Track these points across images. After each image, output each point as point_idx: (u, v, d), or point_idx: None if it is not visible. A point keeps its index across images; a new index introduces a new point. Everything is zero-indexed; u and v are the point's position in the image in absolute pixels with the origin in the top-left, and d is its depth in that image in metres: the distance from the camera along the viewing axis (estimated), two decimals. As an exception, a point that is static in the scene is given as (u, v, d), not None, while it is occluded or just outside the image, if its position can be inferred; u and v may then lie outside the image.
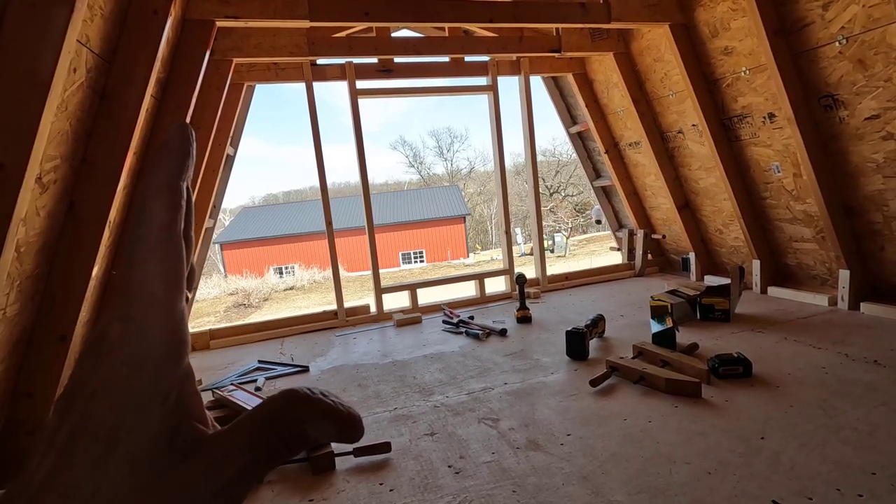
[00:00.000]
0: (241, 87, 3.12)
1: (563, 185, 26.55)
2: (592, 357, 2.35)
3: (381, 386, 2.26)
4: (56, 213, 1.58)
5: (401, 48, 3.19)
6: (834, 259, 2.81)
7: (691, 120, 3.25)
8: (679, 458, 1.47)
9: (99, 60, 1.59)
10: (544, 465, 1.50)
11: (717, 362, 1.98)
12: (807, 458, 1.40)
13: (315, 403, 0.23)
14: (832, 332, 2.37)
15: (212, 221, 3.38)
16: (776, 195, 2.97)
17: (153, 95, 2.11)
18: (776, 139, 2.78)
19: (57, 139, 1.45)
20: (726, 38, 2.76)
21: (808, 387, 1.83)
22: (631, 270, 4.13)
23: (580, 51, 3.44)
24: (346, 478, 1.55)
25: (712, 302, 2.71)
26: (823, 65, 2.36)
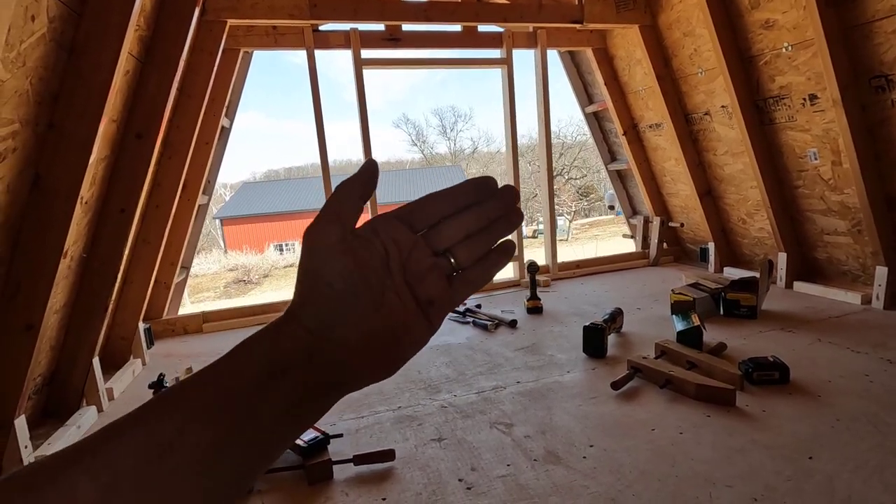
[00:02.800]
0: (237, 54, 2.88)
1: (567, 168, 26.18)
2: (611, 354, 2.18)
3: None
4: (18, 187, 1.39)
5: (410, 13, 2.94)
6: (869, 255, 2.62)
7: (721, 101, 3.02)
8: (718, 479, 1.31)
9: (64, 9, 1.37)
10: (566, 483, 1.34)
11: (752, 366, 1.82)
12: (865, 486, 1.24)
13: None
14: (870, 334, 2.20)
15: (205, 198, 3.18)
16: (810, 184, 2.76)
17: (134, 55, 1.89)
18: (816, 123, 2.56)
19: (14, 100, 1.25)
20: (768, 10, 2.51)
21: (854, 397, 1.67)
22: (645, 259, 3.95)
23: (604, 22, 3.18)
24: (345, 490, 1.39)
25: (738, 297, 2.53)
26: (879, 41, 2.14)
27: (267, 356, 0.32)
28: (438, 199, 0.37)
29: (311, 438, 1.48)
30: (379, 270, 0.35)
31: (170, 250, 2.83)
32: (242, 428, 0.30)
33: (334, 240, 0.34)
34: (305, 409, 0.33)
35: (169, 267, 2.89)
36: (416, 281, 0.37)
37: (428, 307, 0.37)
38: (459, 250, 0.38)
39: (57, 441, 1.66)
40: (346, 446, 1.59)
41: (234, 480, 0.30)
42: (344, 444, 1.60)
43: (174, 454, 0.27)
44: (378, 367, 0.36)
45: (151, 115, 2.04)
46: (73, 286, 1.84)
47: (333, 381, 0.34)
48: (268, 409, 0.31)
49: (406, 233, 0.37)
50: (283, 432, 0.32)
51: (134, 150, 2.00)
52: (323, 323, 0.33)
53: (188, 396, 0.30)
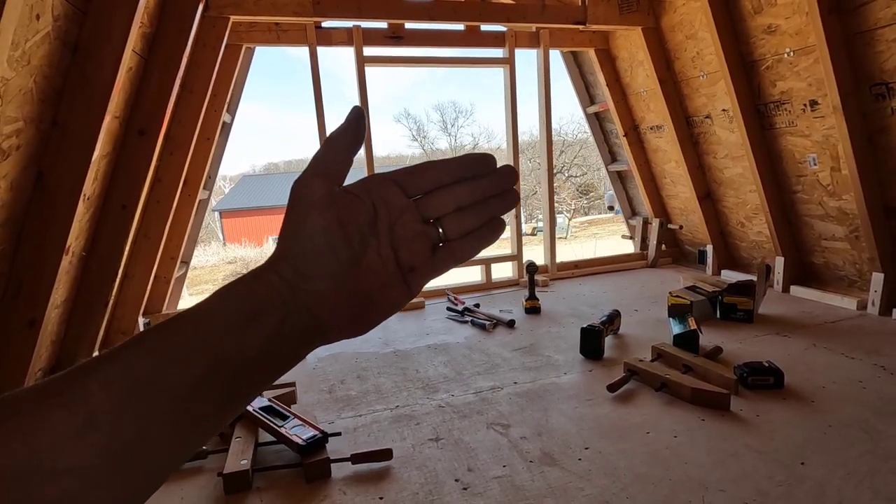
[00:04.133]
0: (239, 49, 2.88)
1: (567, 166, 26.16)
2: (607, 356, 2.20)
3: (381, 379, 2.12)
4: (21, 184, 1.39)
5: (413, 12, 2.94)
6: (866, 261, 2.64)
7: (722, 104, 3.03)
8: (712, 483, 1.33)
9: (69, 8, 1.37)
10: (561, 485, 1.36)
11: (747, 371, 1.83)
12: (856, 492, 1.26)
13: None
14: (865, 340, 2.22)
15: (206, 193, 3.18)
16: (809, 189, 2.78)
17: (137, 52, 1.89)
18: (816, 129, 2.57)
19: (18, 98, 1.26)
20: (771, 15, 2.52)
21: (847, 404, 1.69)
22: (643, 260, 3.97)
23: (607, 23, 3.18)
24: (343, 488, 1.41)
25: (735, 301, 2.55)
26: (881, 48, 2.14)
27: (243, 302, 0.32)
28: (436, 168, 0.38)
29: (309, 437, 1.49)
30: (364, 228, 0.36)
31: (170, 245, 2.84)
32: (217, 370, 0.30)
33: (319, 194, 0.35)
34: (280, 354, 0.34)
35: (169, 261, 2.90)
36: (401, 245, 0.37)
37: (409, 273, 0.38)
38: (449, 221, 0.38)
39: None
40: (345, 445, 1.60)
41: (209, 420, 0.31)
42: (342, 443, 1.61)
43: (150, 391, 0.28)
44: (350, 322, 0.36)
45: (154, 111, 2.05)
46: (74, 281, 1.85)
47: (307, 330, 0.34)
48: (243, 353, 0.31)
49: (399, 196, 0.37)
50: (257, 375, 0.33)
51: (136, 146, 2.01)
52: (299, 274, 0.34)
53: (164, 337, 0.30)
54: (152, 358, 0.29)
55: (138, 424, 0.28)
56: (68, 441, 0.26)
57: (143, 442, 0.28)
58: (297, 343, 0.34)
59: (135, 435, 0.27)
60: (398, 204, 0.37)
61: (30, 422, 0.25)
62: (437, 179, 0.38)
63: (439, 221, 0.38)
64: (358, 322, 0.37)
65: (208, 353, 0.30)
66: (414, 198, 0.38)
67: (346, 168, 0.37)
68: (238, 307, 0.32)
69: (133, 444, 0.27)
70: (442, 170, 0.38)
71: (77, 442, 0.26)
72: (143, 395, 0.28)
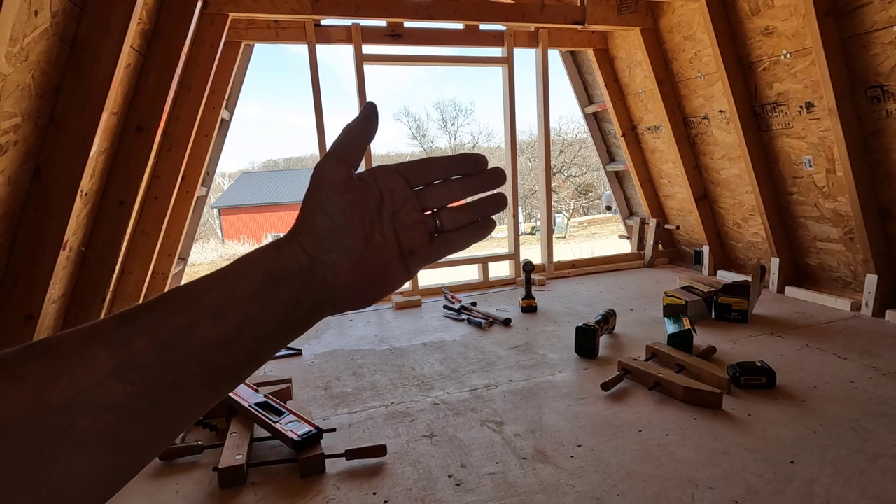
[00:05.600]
0: (237, 46, 2.88)
1: (567, 166, 26.16)
2: (602, 355, 2.21)
3: (377, 376, 2.13)
4: (19, 179, 1.40)
5: (412, 10, 2.95)
6: (861, 262, 2.65)
7: (719, 105, 3.04)
8: (702, 481, 1.34)
9: (67, 4, 1.38)
10: (553, 481, 1.38)
11: (739, 371, 1.85)
12: (843, 490, 1.28)
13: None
14: (857, 340, 2.24)
15: (204, 189, 3.19)
16: (804, 191, 2.79)
17: (135, 48, 1.89)
18: (812, 131, 2.58)
19: (16, 94, 1.26)
20: (768, 17, 2.53)
21: (838, 403, 1.70)
22: (640, 260, 3.98)
23: (605, 24, 3.19)
24: (337, 483, 1.42)
25: (730, 301, 2.56)
26: (876, 51, 2.15)
27: (268, 269, 0.36)
28: (435, 164, 0.43)
29: (304, 432, 1.50)
30: (372, 212, 0.40)
31: (168, 241, 2.85)
32: (242, 331, 0.34)
33: (340, 177, 0.38)
34: (297, 320, 0.37)
35: (166, 258, 2.90)
36: (402, 230, 0.41)
37: (408, 255, 0.42)
38: (445, 214, 0.43)
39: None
40: (339, 441, 1.62)
41: (231, 376, 0.34)
42: (337, 439, 1.63)
43: (184, 343, 0.31)
44: (359, 295, 0.40)
45: (152, 107, 2.05)
46: (71, 277, 1.86)
47: (321, 299, 0.38)
48: (265, 317, 0.35)
49: (403, 186, 0.41)
50: (276, 338, 0.36)
51: (134, 142, 2.02)
52: (319, 247, 0.37)
53: (198, 296, 0.33)
54: (187, 314, 0.32)
55: (173, 371, 0.31)
56: (110, 379, 0.28)
57: (177, 388, 0.31)
58: (311, 310, 0.38)
59: (170, 380, 0.30)
60: (401, 193, 0.41)
61: (76, 361, 0.28)
62: (435, 174, 0.42)
63: (437, 213, 0.43)
64: (364, 295, 0.41)
65: (236, 315, 0.33)
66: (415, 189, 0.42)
67: (361, 157, 0.40)
68: (261, 273, 0.35)
69: (168, 388, 0.30)
70: (440, 166, 0.42)
71: (119, 381, 0.28)
72: (179, 345, 0.31)
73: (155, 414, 0.30)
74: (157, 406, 0.30)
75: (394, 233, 0.41)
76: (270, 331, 0.35)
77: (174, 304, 0.32)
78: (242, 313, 0.34)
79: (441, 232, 0.43)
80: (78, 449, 0.27)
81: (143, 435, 0.30)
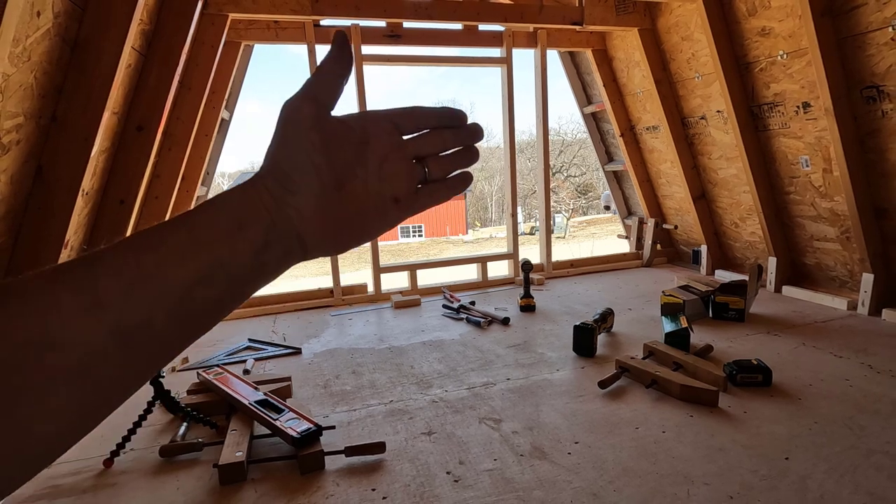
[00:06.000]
0: (237, 46, 2.90)
1: (567, 166, 26.20)
2: (600, 354, 2.23)
3: (376, 374, 2.14)
4: (21, 178, 1.41)
5: (411, 11, 2.96)
6: (857, 261, 2.67)
7: (717, 105, 3.06)
8: (697, 477, 1.36)
9: (69, 5, 1.39)
10: (550, 478, 1.39)
11: (735, 369, 1.86)
12: (837, 486, 1.29)
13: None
14: (853, 339, 2.25)
15: (204, 189, 3.20)
16: (801, 191, 2.81)
17: (136, 49, 1.91)
18: (808, 131, 2.60)
19: (19, 94, 1.28)
20: (765, 18, 2.54)
21: (833, 401, 1.72)
22: (639, 260, 4.00)
23: (604, 24, 3.21)
24: (336, 480, 1.43)
25: (727, 300, 2.58)
26: (871, 52, 2.17)
27: (232, 211, 0.35)
28: (427, 112, 0.42)
29: (303, 430, 1.52)
30: (350, 156, 0.38)
31: (168, 241, 2.85)
32: (212, 273, 0.33)
33: (306, 115, 0.37)
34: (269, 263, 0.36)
35: (167, 257, 2.91)
36: (388, 177, 0.40)
37: (392, 203, 0.41)
38: (433, 163, 0.43)
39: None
40: (339, 438, 1.63)
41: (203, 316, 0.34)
42: (336, 436, 1.64)
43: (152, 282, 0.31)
44: (329, 240, 0.39)
45: (152, 107, 2.07)
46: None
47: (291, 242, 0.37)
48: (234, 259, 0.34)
49: (394, 133, 0.41)
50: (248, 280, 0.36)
51: (134, 142, 2.03)
52: (284, 188, 0.36)
53: (164, 239, 0.33)
54: (155, 255, 0.32)
55: (143, 311, 0.31)
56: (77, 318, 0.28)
57: (148, 327, 0.31)
58: (283, 253, 0.37)
59: (140, 320, 0.30)
60: (392, 140, 0.40)
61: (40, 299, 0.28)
62: (427, 123, 0.42)
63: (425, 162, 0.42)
64: (336, 241, 0.40)
65: (204, 256, 0.33)
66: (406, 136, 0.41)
67: (335, 94, 0.39)
68: (228, 216, 0.35)
69: (139, 328, 0.30)
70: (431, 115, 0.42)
71: (87, 319, 0.29)
72: (147, 285, 0.31)
73: (127, 352, 0.30)
74: (129, 344, 0.30)
75: (379, 179, 0.40)
76: (241, 273, 0.35)
77: (140, 245, 0.32)
78: (211, 254, 0.33)
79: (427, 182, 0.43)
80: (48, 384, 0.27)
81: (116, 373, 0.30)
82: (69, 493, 1.43)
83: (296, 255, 0.38)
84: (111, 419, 0.48)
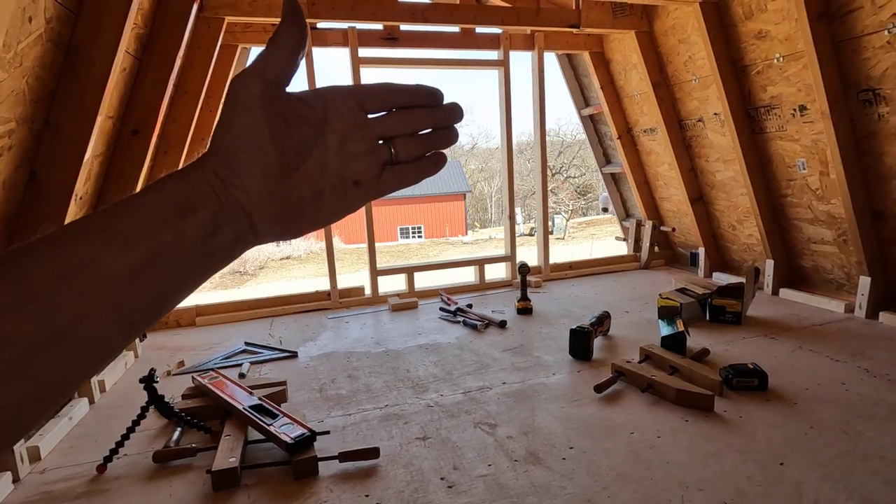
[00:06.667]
0: (234, 50, 2.90)
1: (566, 167, 26.21)
2: (596, 357, 2.22)
3: (372, 378, 2.14)
4: (14, 183, 1.41)
5: (408, 14, 2.96)
6: (854, 264, 2.67)
7: (714, 108, 3.06)
8: (692, 483, 1.35)
9: (62, 10, 1.39)
10: (545, 483, 1.39)
11: (731, 373, 1.86)
12: (832, 492, 1.29)
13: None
14: (850, 342, 2.25)
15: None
16: (798, 193, 2.81)
17: (130, 52, 1.90)
18: (805, 134, 2.59)
19: (11, 99, 1.27)
20: (761, 21, 2.54)
21: (829, 405, 1.71)
22: (636, 262, 3.99)
23: (600, 27, 3.21)
24: (330, 486, 1.43)
25: (724, 303, 2.57)
26: (867, 55, 2.17)
27: (177, 194, 0.33)
28: (396, 90, 0.39)
29: (297, 435, 1.51)
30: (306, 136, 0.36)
31: (164, 244, 2.85)
32: (154, 259, 0.31)
33: (252, 93, 0.34)
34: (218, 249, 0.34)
35: (163, 260, 2.90)
36: (350, 158, 0.38)
37: (353, 187, 0.38)
38: (401, 144, 0.39)
39: (48, 432, 1.69)
40: (333, 443, 1.62)
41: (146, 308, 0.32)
42: (330, 441, 1.63)
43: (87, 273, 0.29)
44: (281, 225, 0.37)
45: (148, 111, 2.06)
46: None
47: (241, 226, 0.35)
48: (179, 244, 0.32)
49: (356, 111, 0.38)
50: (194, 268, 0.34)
51: (130, 146, 2.03)
52: (229, 170, 0.34)
53: (104, 224, 0.31)
54: (90, 242, 0.30)
55: (78, 304, 0.29)
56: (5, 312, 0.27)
57: (84, 322, 0.29)
58: (233, 239, 0.35)
59: (75, 314, 0.29)
60: (354, 118, 0.38)
61: None
62: (395, 101, 0.39)
63: (392, 143, 0.39)
64: (288, 226, 0.37)
65: (146, 242, 0.31)
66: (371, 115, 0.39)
67: (289, 70, 0.36)
68: (172, 198, 0.33)
69: (74, 323, 0.29)
70: (401, 93, 0.39)
71: (15, 314, 0.27)
72: (81, 276, 0.29)
73: (62, 347, 0.28)
74: (64, 339, 0.28)
75: (340, 160, 0.38)
76: (187, 259, 0.33)
77: (76, 234, 0.30)
78: (153, 240, 0.31)
79: (393, 163, 0.40)
80: None
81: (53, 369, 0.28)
82: (62, 499, 1.42)
83: (247, 239, 0.36)
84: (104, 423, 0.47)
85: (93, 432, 1.77)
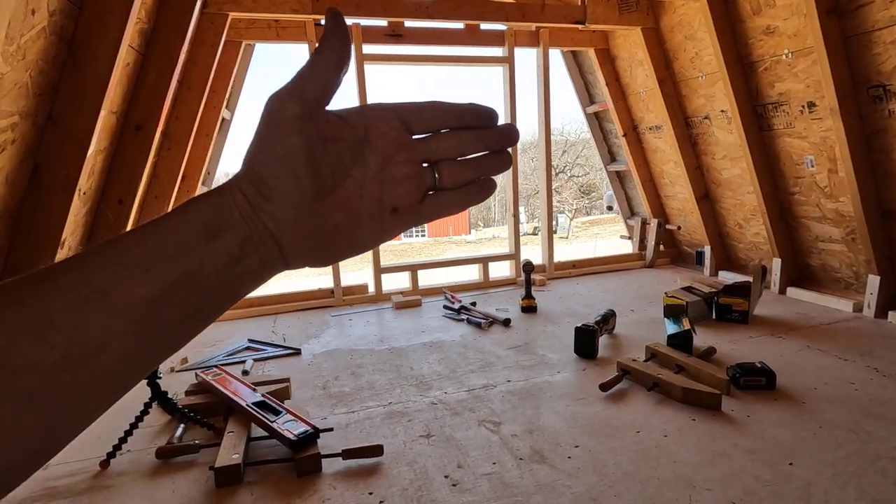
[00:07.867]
0: (238, 46, 2.89)
1: (570, 166, 26.15)
2: (601, 356, 2.21)
3: (375, 376, 2.13)
4: (17, 178, 1.40)
5: (412, 10, 2.94)
6: (863, 263, 2.64)
7: (720, 105, 3.03)
8: (699, 482, 1.33)
9: (65, 3, 1.38)
10: (550, 482, 1.37)
11: (739, 372, 1.84)
12: (841, 492, 1.27)
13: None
14: (859, 342, 2.22)
15: (205, 189, 3.19)
16: (806, 191, 2.78)
17: (134, 47, 1.90)
18: (814, 131, 2.56)
19: (14, 92, 1.27)
20: (769, 16, 2.51)
21: (837, 405, 1.69)
22: (641, 261, 3.97)
23: (606, 23, 3.18)
24: (333, 483, 1.42)
25: (730, 302, 2.55)
26: (878, 50, 2.14)
27: (204, 218, 0.32)
28: (444, 109, 0.36)
29: (301, 432, 1.50)
30: (345, 157, 0.34)
31: (168, 241, 2.85)
32: (179, 285, 0.30)
33: (290, 115, 0.32)
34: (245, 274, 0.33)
35: (167, 257, 2.90)
36: (390, 182, 0.35)
37: (391, 213, 0.36)
38: (447, 168, 0.36)
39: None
40: (336, 440, 1.61)
41: (168, 335, 0.31)
42: (334, 439, 1.62)
43: (109, 300, 0.28)
44: (311, 252, 0.35)
45: (151, 106, 2.06)
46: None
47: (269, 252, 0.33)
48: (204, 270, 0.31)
49: (401, 131, 0.35)
50: (220, 294, 0.32)
51: (133, 141, 2.02)
52: (258, 194, 0.32)
53: (127, 249, 0.30)
54: (113, 268, 0.29)
55: (99, 331, 0.28)
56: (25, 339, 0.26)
57: (106, 349, 0.28)
58: (258, 266, 0.33)
59: (97, 341, 0.28)
60: (398, 139, 0.35)
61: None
62: (443, 122, 0.36)
63: (436, 167, 0.36)
64: (319, 254, 0.35)
65: (170, 268, 0.30)
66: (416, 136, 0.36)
67: (330, 88, 0.33)
68: (199, 223, 0.31)
69: (96, 350, 0.28)
70: (450, 112, 0.36)
71: (36, 339, 0.26)
72: (103, 303, 0.28)
73: (84, 375, 0.28)
74: (85, 367, 0.28)
75: (379, 184, 0.35)
76: (211, 285, 0.31)
77: (98, 260, 0.29)
78: (177, 267, 0.30)
79: (437, 189, 0.37)
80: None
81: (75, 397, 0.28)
82: (65, 495, 1.42)
83: (275, 266, 0.34)
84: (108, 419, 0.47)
85: (96, 428, 1.76)
